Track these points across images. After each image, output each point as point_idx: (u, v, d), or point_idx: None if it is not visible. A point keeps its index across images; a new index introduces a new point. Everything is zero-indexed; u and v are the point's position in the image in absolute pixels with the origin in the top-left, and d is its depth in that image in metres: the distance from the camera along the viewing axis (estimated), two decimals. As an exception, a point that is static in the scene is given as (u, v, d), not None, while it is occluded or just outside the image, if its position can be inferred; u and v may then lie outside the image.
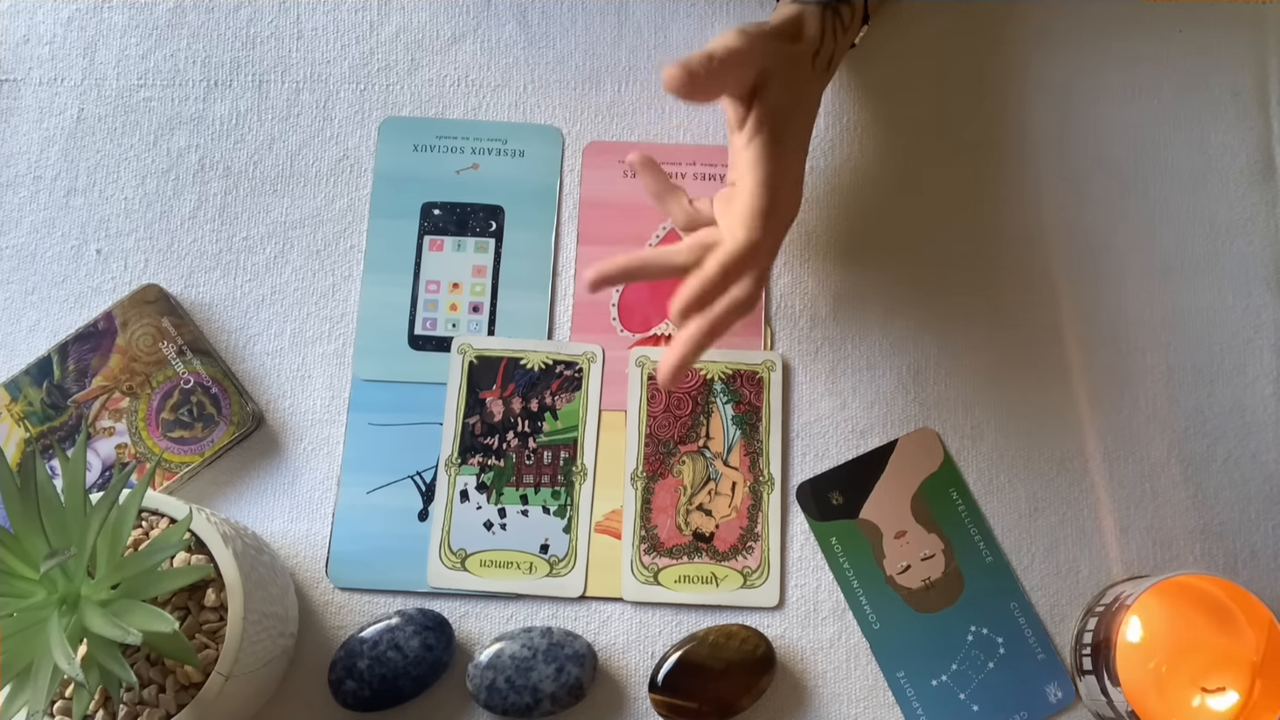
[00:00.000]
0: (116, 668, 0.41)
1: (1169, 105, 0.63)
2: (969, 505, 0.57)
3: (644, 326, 0.60)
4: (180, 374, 0.58)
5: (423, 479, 0.57)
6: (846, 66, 0.63)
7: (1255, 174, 0.62)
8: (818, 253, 0.61)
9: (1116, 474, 0.58)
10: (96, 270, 0.60)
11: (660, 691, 0.53)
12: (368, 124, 0.63)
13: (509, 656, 0.53)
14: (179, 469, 0.57)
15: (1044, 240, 0.61)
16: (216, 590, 0.46)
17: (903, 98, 0.63)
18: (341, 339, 0.59)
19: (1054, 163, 0.62)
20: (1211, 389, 0.59)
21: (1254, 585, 0.53)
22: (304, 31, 0.64)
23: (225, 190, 0.62)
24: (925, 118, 0.63)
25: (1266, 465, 0.58)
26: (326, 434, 0.58)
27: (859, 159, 0.62)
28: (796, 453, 0.58)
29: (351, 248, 0.61)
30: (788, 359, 0.59)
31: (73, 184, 0.62)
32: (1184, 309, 0.60)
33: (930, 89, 0.63)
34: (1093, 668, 0.53)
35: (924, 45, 0.64)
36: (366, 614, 0.55)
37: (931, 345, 0.60)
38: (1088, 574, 0.57)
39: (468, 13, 0.65)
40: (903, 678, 0.55)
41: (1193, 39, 0.63)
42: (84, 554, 0.42)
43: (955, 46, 0.64)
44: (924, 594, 0.56)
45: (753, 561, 0.56)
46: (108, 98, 0.63)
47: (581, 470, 0.58)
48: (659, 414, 0.58)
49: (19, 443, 0.57)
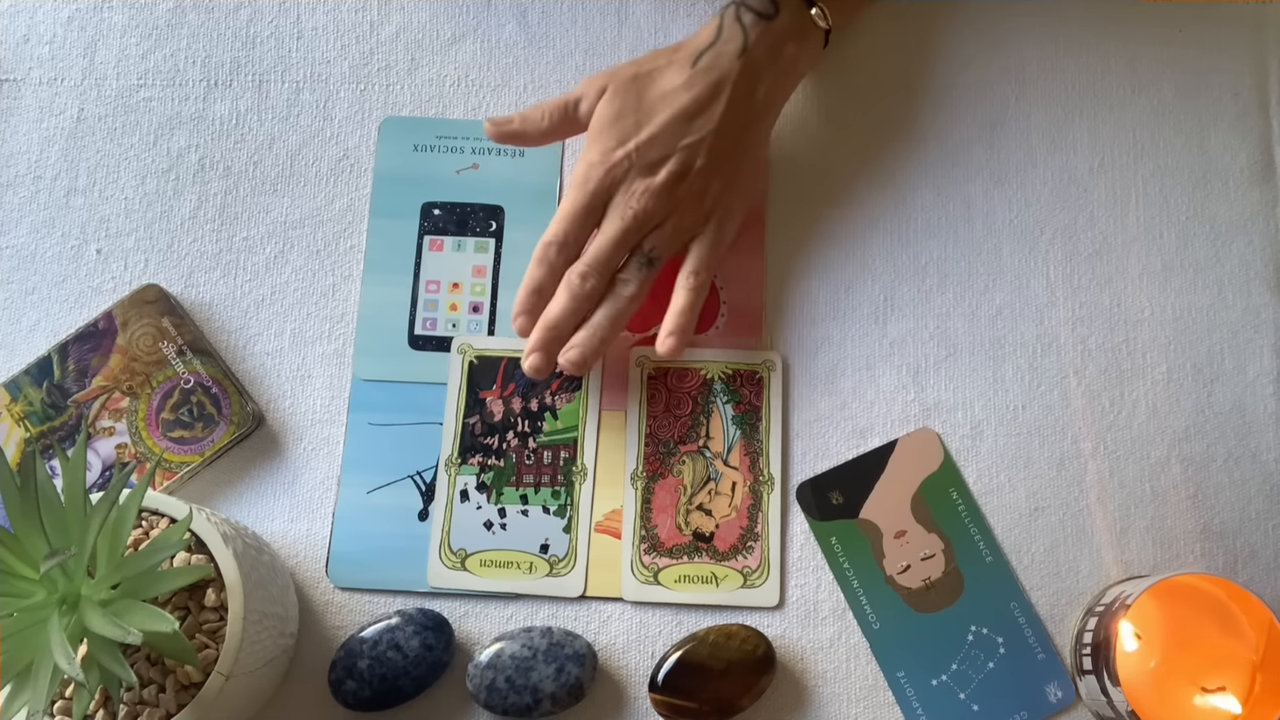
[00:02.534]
0: (116, 668, 0.41)
1: (1169, 105, 0.63)
2: (969, 505, 0.57)
3: (644, 326, 0.60)
4: (180, 374, 0.58)
5: (423, 479, 0.57)
6: (847, 67, 0.63)
7: (1255, 174, 0.62)
8: (817, 253, 0.61)
9: (1116, 474, 0.58)
10: (96, 270, 0.60)
11: (660, 691, 0.53)
12: (368, 124, 0.63)
13: (509, 656, 0.53)
14: (179, 469, 0.57)
15: (1044, 240, 0.61)
16: (216, 590, 0.46)
17: (903, 98, 0.63)
18: (341, 339, 0.59)
19: (1054, 163, 0.62)
20: (1211, 389, 0.59)
21: (1254, 585, 0.53)
22: (304, 31, 0.64)
23: (225, 190, 0.62)
24: (925, 118, 0.63)
25: (1266, 465, 0.58)
26: (326, 434, 0.58)
27: (859, 160, 0.62)
28: (796, 452, 0.58)
29: (351, 248, 0.61)
30: (788, 359, 0.59)
31: (73, 184, 0.62)
32: (1184, 309, 0.60)
33: (930, 89, 0.63)
34: (1093, 668, 0.53)
35: (924, 45, 0.64)
36: (366, 614, 0.55)
37: (931, 345, 0.60)
38: (1088, 574, 0.57)
39: (468, 13, 0.65)
40: (903, 678, 0.55)
41: (1193, 39, 0.63)
42: (84, 554, 0.42)
43: (955, 46, 0.64)
44: (924, 594, 0.56)
45: (753, 561, 0.56)
46: (108, 98, 0.63)
47: (581, 470, 0.58)
48: (659, 414, 0.58)
49: (19, 443, 0.57)
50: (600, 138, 0.56)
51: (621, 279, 0.56)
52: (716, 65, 0.55)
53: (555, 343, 0.55)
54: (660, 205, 0.55)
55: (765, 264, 0.61)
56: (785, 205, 0.62)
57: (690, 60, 0.56)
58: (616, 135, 0.55)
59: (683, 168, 0.55)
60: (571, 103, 0.57)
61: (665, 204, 0.55)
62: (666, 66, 0.56)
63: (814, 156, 0.62)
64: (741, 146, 0.56)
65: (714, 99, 0.55)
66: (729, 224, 0.57)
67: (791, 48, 0.57)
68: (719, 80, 0.55)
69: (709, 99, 0.55)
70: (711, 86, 0.55)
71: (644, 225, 0.55)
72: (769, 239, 0.61)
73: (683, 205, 0.55)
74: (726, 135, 0.55)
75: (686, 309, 0.55)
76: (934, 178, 0.62)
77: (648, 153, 0.55)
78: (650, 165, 0.55)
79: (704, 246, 0.56)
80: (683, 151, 0.55)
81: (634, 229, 0.55)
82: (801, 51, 0.57)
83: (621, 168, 0.55)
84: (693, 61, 0.56)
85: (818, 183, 0.62)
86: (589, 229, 0.56)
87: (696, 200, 0.56)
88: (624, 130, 0.55)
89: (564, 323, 0.55)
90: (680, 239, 0.56)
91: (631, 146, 0.55)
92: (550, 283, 0.55)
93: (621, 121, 0.56)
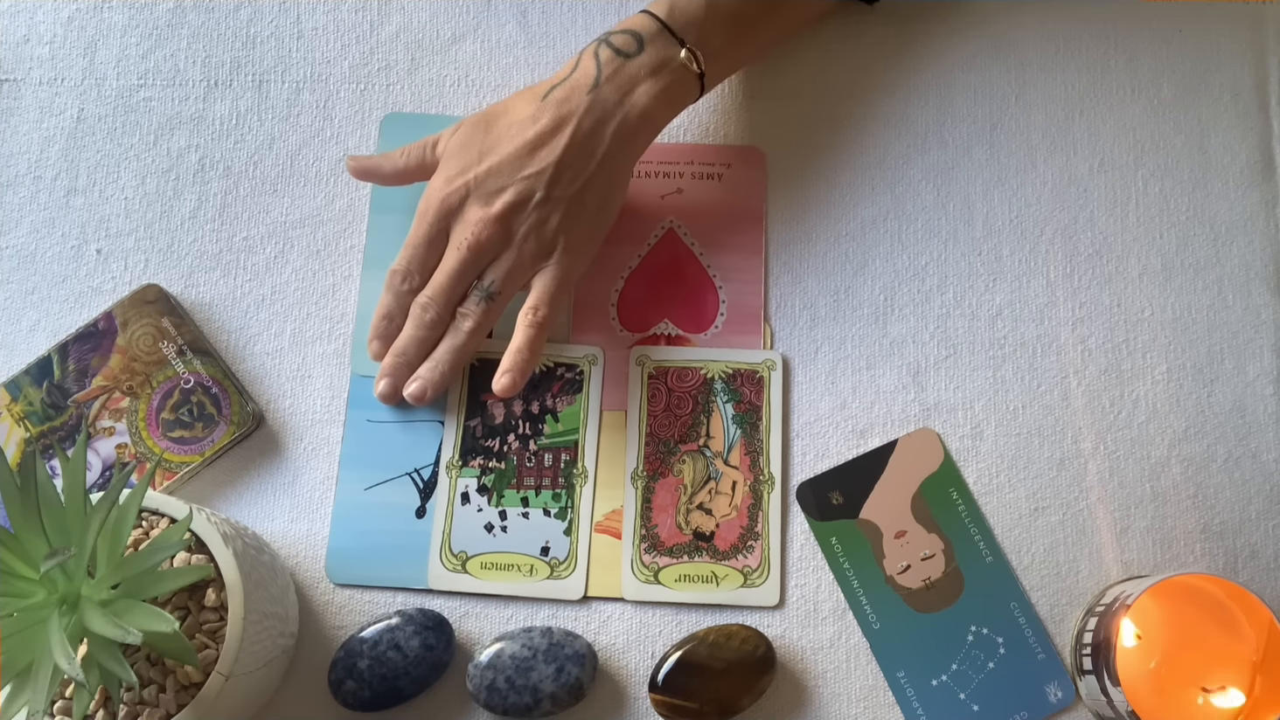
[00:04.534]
0: (117, 668, 0.41)
1: (1169, 105, 0.63)
2: (969, 505, 0.57)
3: (643, 326, 0.60)
4: (180, 374, 0.58)
5: (420, 476, 0.57)
6: (847, 67, 0.63)
7: (1255, 174, 0.62)
8: (817, 253, 0.61)
9: (1116, 474, 0.58)
10: (96, 270, 0.60)
11: (660, 691, 0.53)
12: (368, 124, 0.63)
13: (509, 656, 0.53)
14: (179, 469, 0.57)
15: (1044, 240, 0.61)
16: (216, 590, 0.46)
17: (903, 98, 0.63)
18: (341, 339, 0.59)
19: (1054, 163, 0.62)
20: (1211, 389, 0.59)
21: (1254, 585, 0.53)
22: (304, 31, 0.64)
23: (225, 190, 0.62)
24: (925, 118, 0.63)
25: (1266, 465, 0.58)
26: (326, 434, 0.58)
27: (859, 160, 0.62)
28: (796, 452, 0.58)
29: (351, 248, 0.61)
30: (788, 358, 0.59)
31: (73, 184, 0.62)
32: (1184, 309, 0.60)
33: (930, 89, 0.63)
34: (1093, 668, 0.53)
35: (924, 45, 0.64)
36: (366, 614, 0.55)
37: (931, 345, 0.60)
38: (1088, 574, 0.57)
39: (468, 13, 0.65)
40: (903, 678, 0.55)
41: (1193, 39, 0.63)
42: (84, 554, 0.42)
43: (955, 47, 0.64)
44: (924, 594, 0.56)
45: (753, 561, 0.56)
46: (108, 98, 0.63)
47: (582, 472, 0.58)
48: (659, 413, 0.58)
49: (19, 443, 0.57)
50: (444, 167, 0.56)
51: (461, 312, 0.56)
52: (565, 100, 0.54)
53: (404, 369, 0.56)
54: (496, 235, 0.54)
55: (765, 264, 0.61)
56: (785, 205, 0.62)
57: (542, 95, 0.55)
58: (458, 164, 0.55)
59: (520, 198, 0.54)
60: (430, 144, 0.58)
61: (501, 234, 0.55)
62: (517, 102, 0.56)
63: (814, 156, 0.62)
64: (587, 180, 0.55)
65: (556, 132, 0.54)
66: (572, 258, 0.56)
67: (649, 86, 0.55)
68: (565, 115, 0.54)
69: (551, 132, 0.54)
70: (556, 120, 0.54)
71: (480, 256, 0.55)
72: (769, 239, 0.61)
73: (520, 237, 0.55)
74: (568, 168, 0.54)
75: (523, 347, 0.55)
76: (934, 178, 0.62)
77: (486, 182, 0.54)
78: (488, 195, 0.54)
79: (545, 281, 0.56)
80: (521, 182, 0.54)
81: (470, 260, 0.55)
82: (663, 90, 0.55)
83: (458, 195, 0.55)
84: (543, 96, 0.55)
85: (818, 183, 0.62)
86: (434, 257, 0.56)
87: (535, 232, 0.55)
88: (466, 160, 0.55)
89: (410, 350, 0.56)
90: (522, 272, 0.56)
91: (470, 175, 0.55)
92: (398, 310, 0.57)
93: (465, 152, 0.55)
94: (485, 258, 0.55)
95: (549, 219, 0.55)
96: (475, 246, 0.55)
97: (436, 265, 0.56)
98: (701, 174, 0.62)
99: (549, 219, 0.55)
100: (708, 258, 0.61)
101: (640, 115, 0.55)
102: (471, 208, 0.55)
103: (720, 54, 0.57)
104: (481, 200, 0.55)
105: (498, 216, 0.54)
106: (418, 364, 0.56)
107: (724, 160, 0.62)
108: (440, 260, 0.56)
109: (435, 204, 0.55)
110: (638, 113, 0.55)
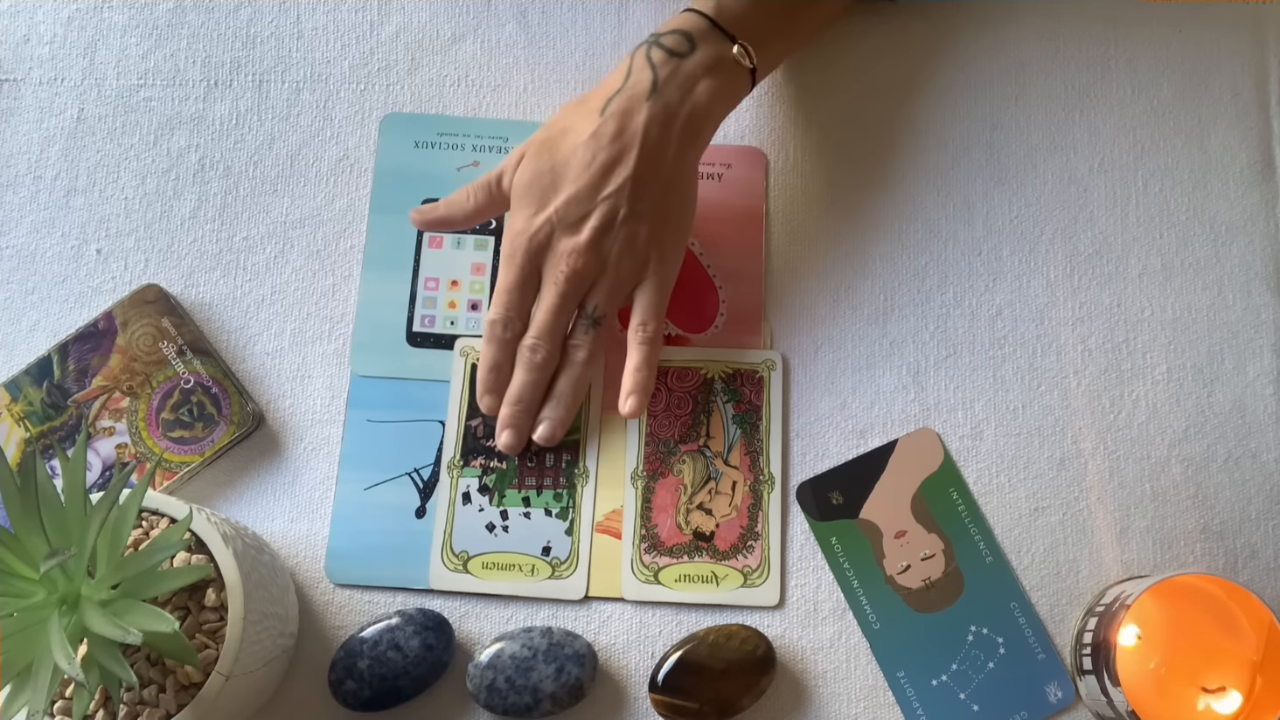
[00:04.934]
0: (116, 668, 0.41)
1: (1169, 105, 0.63)
2: (969, 505, 0.57)
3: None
4: (180, 374, 0.58)
5: (420, 476, 0.57)
6: (847, 67, 0.63)
7: (1255, 174, 0.62)
8: (817, 253, 0.61)
9: (1116, 474, 0.58)
10: (96, 270, 0.60)
11: (660, 691, 0.53)
12: (368, 124, 0.63)
13: (509, 656, 0.53)
14: (179, 469, 0.57)
15: (1044, 240, 0.61)
16: (216, 590, 0.46)
17: (903, 98, 0.63)
18: (341, 339, 0.59)
19: (1054, 163, 0.62)
20: (1211, 389, 0.59)
21: (1254, 585, 0.53)
22: (304, 31, 0.64)
23: (225, 190, 0.62)
24: (925, 118, 0.63)
25: (1266, 465, 0.58)
26: (327, 434, 0.58)
27: (859, 160, 0.62)
28: (796, 452, 0.58)
29: (351, 247, 0.61)
30: (788, 358, 0.59)
31: (73, 184, 0.62)
32: (1184, 309, 0.60)
33: (930, 89, 0.63)
34: (1093, 668, 0.53)
35: (924, 45, 0.64)
36: (366, 614, 0.55)
37: (931, 345, 0.60)
38: (1088, 574, 0.57)
39: (468, 13, 0.65)
40: (903, 678, 0.55)
41: (1193, 39, 0.63)
42: (84, 554, 0.42)
43: (955, 46, 0.64)
44: (924, 594, 0.56)
45: (753, 561, 0.56)
46: (108, 98, 0.63)
47: (584, 473, 0.58)
48: (659, 413, 0.58)
49: (19, 443, 0.57)
50: (520, 205, 0.55)
51: (572, 344, 0.56)
52: (627, 110, 0.53)
53: (524, 415, 0.56)
54: (591, 262, 0.54)
55: (765, 264, 0.61)
56: (785, 205, 0.62)
57: (599, 109, 0.54)
58: (536, 200, 0.54)
59: (606, 220, 0.53)
60: (494, 179, 0.57)
61: (595, 260, 0.54)
62: (575, 120, 0.55)
63: (814, 156, 0.62)
64: (664, 187, 0.54)
65: (626, 146, 0.53)
66: (668, 266, 0.56)
67: (708, 84, 0.54)
68: (631, 126, 0.53)
69: (621, 147, 0.53)
70: (623, 133, 0.53)
71: (579, 285, 0.54)
72: (769, 239, 0.61)
73: (615, 257, 0.54)
74: (646, 179, 0.54)
75: (642, 364, 0.55)
76: (934, 178, 0.62)
77: (568, 212, 0.54)
78: (573, 224, 0.54)
79: (648, 294, 0.55)
80: (603, 204, 0.53)
81: (569, 292, 0.54)
82: (720, 87, 0.55)
83: (544, 232, 0.54)
84: (601, 110, 0.54)
85: (818, 183, 0.62)
86: (529, 298, 0.55)
87: (628, 249, 0.54)
88: (542, 193, 0.54)
89: (527, 395, 0.55)
90: (621, 291, 0.55)
91: (551, 210, 0.54)
92: (505, 358, 0.56)
93: (538, 184, 0.54)
94: (584, 286, 0.55)
95: (638, 233, 0.54)
96: (573, 277, 0.54)
97: (531, 306, 0.55)
98: (702, 174, 0.62)
99: (638, 233, 0.54)
100: (708, 258, 0.61)
101: (704, 114, 0.55)
102: (560, 241, 0.54)
103: (766, 47, 0.57)
104: (568, 231, 0.54)
105: (589, 243, 0.53)
106: (535, 408, 0.56)
107: (724, 160, 0.62)
108: (535, 300, 0.55)
109: (522, 245, 0.54)
110: (701, 112, 0.55)
